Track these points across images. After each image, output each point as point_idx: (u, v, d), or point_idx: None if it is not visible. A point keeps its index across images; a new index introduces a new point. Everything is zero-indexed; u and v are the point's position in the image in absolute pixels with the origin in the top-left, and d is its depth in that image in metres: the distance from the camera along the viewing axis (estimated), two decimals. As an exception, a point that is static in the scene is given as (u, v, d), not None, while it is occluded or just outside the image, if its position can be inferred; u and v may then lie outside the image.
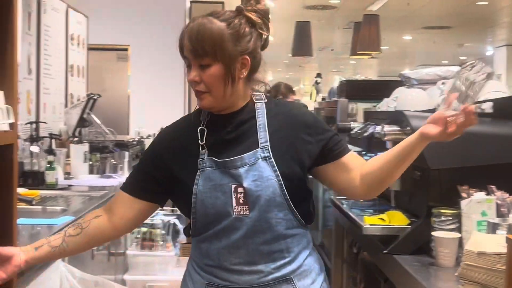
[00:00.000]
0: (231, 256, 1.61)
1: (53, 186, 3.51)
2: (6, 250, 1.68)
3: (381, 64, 20.35)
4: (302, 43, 8.39)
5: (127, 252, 3.86)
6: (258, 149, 1.62)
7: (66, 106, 4.78)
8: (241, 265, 1.61)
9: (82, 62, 5.35)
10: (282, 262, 1.62)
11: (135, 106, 6.56)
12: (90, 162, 4.15)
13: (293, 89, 5.46)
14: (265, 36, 1.70)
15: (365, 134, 2.59)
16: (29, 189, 3.26)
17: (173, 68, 6.38)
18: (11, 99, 1.93)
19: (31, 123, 3.74)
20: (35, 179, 3.48)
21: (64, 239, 1.72)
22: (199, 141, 1.67)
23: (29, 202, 2.91)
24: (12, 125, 1.92)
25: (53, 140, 3.87)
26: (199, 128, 1.68)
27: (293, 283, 1.63)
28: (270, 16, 1.73)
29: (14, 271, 1.68)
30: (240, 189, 1.59)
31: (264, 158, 1.61)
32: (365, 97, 3.79)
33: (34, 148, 3.49)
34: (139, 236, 3.92)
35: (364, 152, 2.84)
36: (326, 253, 3.90)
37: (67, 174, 3.98)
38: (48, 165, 3.51)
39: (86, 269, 2.82)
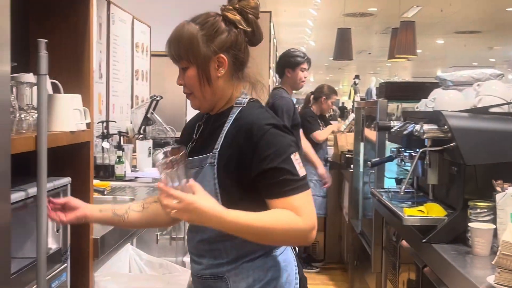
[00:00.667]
0: (189, 244, 1.64)
1: (121, 178, 3.57)
2: (74, 201, 1.69)
3: (415, 66, 19.97)
4: (342, 48, 8.30)
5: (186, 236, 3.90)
6: (210, 154, 1.53)
7: (132, 106, 4.86)
8: (193, 255, 1.61)
9: (146, 67, 5.44)
10: (220, 261, 1.55)
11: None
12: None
13: (335, 89, 5.40)
14: (250, 31, 1.56)
15: (405, 132, 2.54)
16: (101, 180, 3.33)
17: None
18: (88, 102, 1.98)
19: (102, 122, 3.81)
20: (106, 172, 3.54)
21: (126, 211, 1.72)
22: (194, 135, 1.65)
23: (101, 192, 2.97)
24: (88, 125, 1.96)
25: (121, 137, 3.94)
26: (197, 123, 1.67)
27: (227, 282, 1.55)
28: (255, 11, 1.56)
29: (73, 219, 1.66)
30: None
31: (211, 164, 1.52)
32: (402, 97, 3.71)
33: (105, 144, 3.56)
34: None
35: (403, 149, 2.79)
36: (367, 240, 3.85)
37: (134, 167, 4.05)
38: (117, 159, 3.58)
39: (151, 252, 2.87)
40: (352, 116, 5.51)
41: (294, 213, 1.42)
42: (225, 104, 1.59)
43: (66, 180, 1.86)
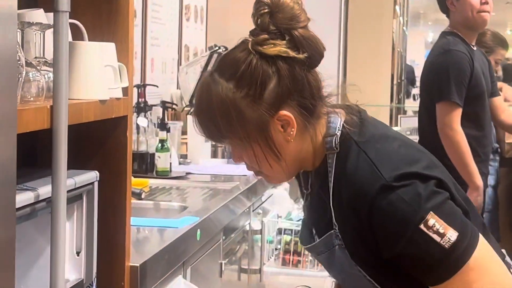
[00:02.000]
0: None
1: (165, 174, 3.63)
2: None
3: None
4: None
5: (264, 268, 3.92)
6: (332, 231, 1.67)
7: (180, 63, 4.92)
8: None
9: (201, 1, 5.47)
10: None
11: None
12: (214, 142, 4.25)
13: (504, 39, 5.20)
14: (306, 56, 1.59)
15: None
16: (135, 177, 3.38)
17: (326, 30, 6.38)
18: (125, 55, 2.00)
19: (137, 86, 3.87)
20: (143, 164, 3.61)
21: None
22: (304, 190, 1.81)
23: (137, 195, 3.03)
24: (126, 91, 1.99)
25: (165, 111, 3.99)
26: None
27: None
28: (300, 18, 1.59)
29: None
30: None
31: (340, 246, 1.67)
32: None
33: (142, 121, 3.62)
34: (280, 247, 3.97)
35: None
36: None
37: (184, 158, 4.10)
38: (160, 145, 3.63)
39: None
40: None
41: None
42: (317, 156, 1.69)
43: (92, 175, 1.89)
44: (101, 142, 2.01)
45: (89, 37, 1.91)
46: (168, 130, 3.79)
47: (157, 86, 4.24)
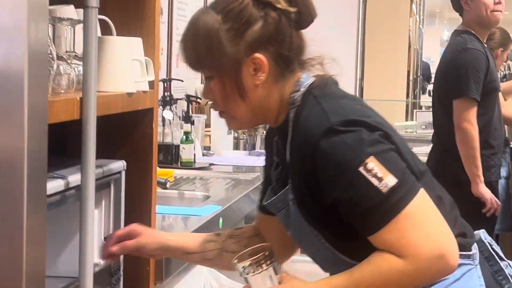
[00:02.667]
0: None
1: (190, 165, 3.64)
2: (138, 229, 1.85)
3: None
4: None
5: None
6: (288, 187, 1.67)
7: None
8: None
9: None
10: None
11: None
12: (236, 134, 4.25)
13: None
14: (295, 11, 1.62)
15: None
16: (161, 167, 3.39)
17: (345, 28, 6.38)
18: (151, 50, 2.01)
19: (163, 81, 3.88)
20: (168, 155, 3.62)
21: (221, 253, 1.89)
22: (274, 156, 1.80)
23: (162, 184, 3.04)
24: (152, 84, 1.99)
25: (190, 104, 4.00)
26: (275, 137, 1.77)
27: None
28: None
29: (132, 247, 1.84)
30: None
31: (293, 201, 1.66)
32: None
33: (167, 114, 3.63)
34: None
35: None
36: None
37: (207, 149, 4.11)
38: (184, 137, 3.64)
39: (233, 275, 2.90)
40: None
41: (394, 254, 1.52)
42: (281, 112, 1.68)
43: (119, 164, 1.90)
44: (128, 133, 2.02)
45: (117, 32, 1.91)
46: (192, 123, 3.79)
47: (182, 81, 4.25)
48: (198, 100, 4.35)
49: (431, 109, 4.27)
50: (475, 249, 1.70)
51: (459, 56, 3.74)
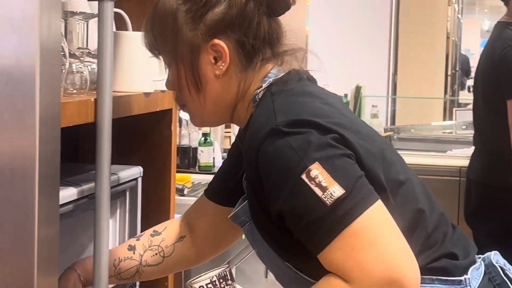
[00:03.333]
0: None
1: (209, 169, 3.64)
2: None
3: None
4: None
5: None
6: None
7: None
8: None
9: None
10: None
11: (316, 50, 6.61)
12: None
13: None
14: None
15: None
16: (177, 172, 3.40)
17: (377, 18, 6.35)
18: (170, 45, 2.01)
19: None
20: (185, 158, 3.63)
21: (138, 270, 1.83)
22: None
23: (180, 191, 3.04)
24: (170, 83, 2.00)
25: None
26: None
27: None
28: None
29: None
30: None
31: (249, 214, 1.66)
32: None
33: (184, 114, 3.63)
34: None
35: None
36: None
37: (227, 152, 4.11)
38: (203, 139, 3.65)
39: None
40: None
41: (341, 278, 1.41)
42: (246, 108, 1.63)
43: (136, 171, 1.91)
44: (144, 136, 2.03)
45: (133, 27, 1.92)
46: (211, 124, 3.80)
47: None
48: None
49: (471, 107, 4.23)
50: (472, 274, 1.58)
51: (508, 54, 3.70)
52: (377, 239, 1.41)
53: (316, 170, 1.41)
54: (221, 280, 1.63)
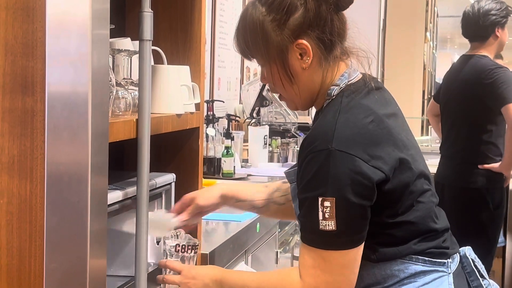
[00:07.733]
0: None
1: (230, 175, 3.64)
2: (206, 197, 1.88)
3: None
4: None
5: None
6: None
7: (242, 82, 4.93)
8: None
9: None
10: None
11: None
12: (270, 148, 4.25)
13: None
14: None
15: None
16: (204, 177, 3.40)
17: (364, 40, 6.34)
18: (197, 76, 2.02)
19: (206, 102, 3.90)
20: (211, 167, 3.63)
21: (268, 204, 1.88)
22: None
23: (206, 193, 3.04)
24: (198, 106, 2.01)
25: (230, 122, 4.01)
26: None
27: None
28: None
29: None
30: None
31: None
32: None
33: (211, 131, 3.64)
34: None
35: None
36: None
37: (245, 162, 4.11)
38: (225, 151, 3.65)
39: (269, 274, 2.90)
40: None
41: (298, 272, 1.51)
42: (321, 97, 1.63)
43: (170, 177, 1.92)
44: (177, 149, 2.03)
45: (168, 61, 1.93)
46: (232, 139, 3.80)
47: (223, 102, 4.27)
48: (237, 118, 4.36)
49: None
50: (453, 259, 1.64)
51: (497, 73, 3.69)
52: (336, 271, 1.49)
53: (329, 203, 1.46)
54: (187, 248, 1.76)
